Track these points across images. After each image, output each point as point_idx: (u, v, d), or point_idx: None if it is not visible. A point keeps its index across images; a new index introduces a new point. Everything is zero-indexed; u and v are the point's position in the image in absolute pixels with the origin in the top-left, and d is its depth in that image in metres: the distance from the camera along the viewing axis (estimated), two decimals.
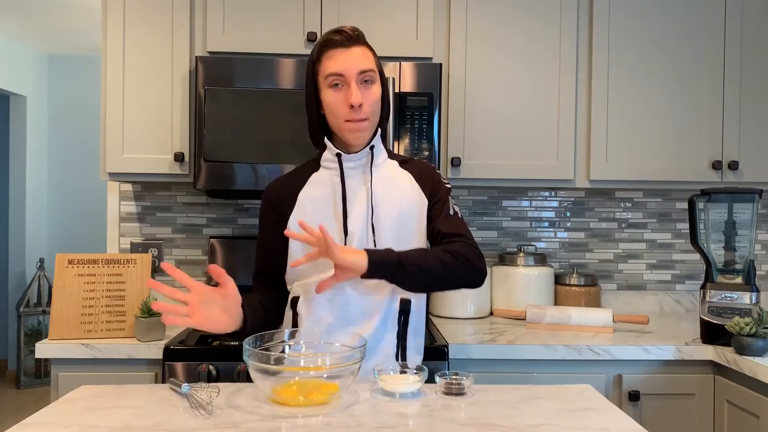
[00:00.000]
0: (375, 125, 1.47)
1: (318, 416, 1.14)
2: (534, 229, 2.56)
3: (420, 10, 2.16)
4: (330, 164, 1.50)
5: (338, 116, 1.42)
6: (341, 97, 1.41)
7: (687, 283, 2.58)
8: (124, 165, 2.12)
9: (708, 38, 2.24)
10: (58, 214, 5.35)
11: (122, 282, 1.90)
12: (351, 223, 1.45)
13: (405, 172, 1.52)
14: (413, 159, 1.58)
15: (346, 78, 1.40)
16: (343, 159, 1.47)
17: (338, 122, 1.43)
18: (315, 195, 1.49)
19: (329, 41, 1.42)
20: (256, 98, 2.04)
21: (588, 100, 2.23)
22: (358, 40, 1.43)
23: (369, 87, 1.42)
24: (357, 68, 1.40)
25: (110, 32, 2.12)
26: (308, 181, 1.51)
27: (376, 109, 1.45)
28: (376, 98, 1.44)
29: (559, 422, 1.13)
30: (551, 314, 2.08)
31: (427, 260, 1.38)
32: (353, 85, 1.39)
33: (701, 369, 1.89)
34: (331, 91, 1.42)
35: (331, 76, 1.41)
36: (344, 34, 1.41)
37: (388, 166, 1.52)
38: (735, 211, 1.93)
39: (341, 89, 1.41)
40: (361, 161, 1.48)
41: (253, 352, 1.19)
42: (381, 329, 1.44)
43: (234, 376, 1.74)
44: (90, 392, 1.28)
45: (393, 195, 1.48)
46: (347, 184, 1.47)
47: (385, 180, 1.49)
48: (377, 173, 1.49)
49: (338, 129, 1.45)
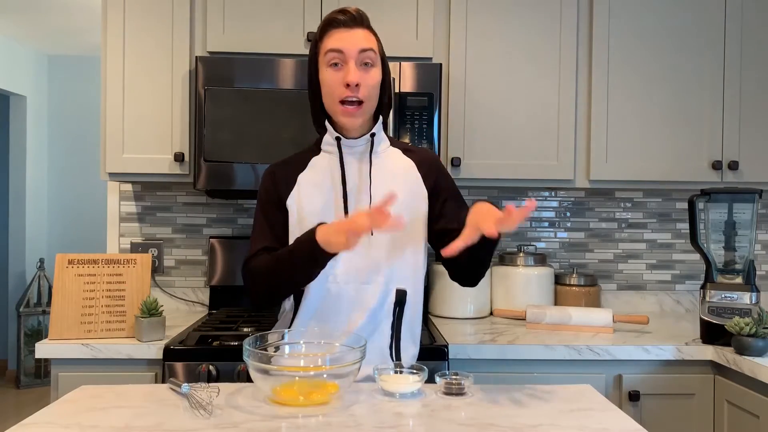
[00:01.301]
0: (371, 111, 1.45)
1: (318, 416, 1.14)
2: (534, 229, 2.56)
3: (420, 10, 2.16)
4: (330, 148, 1.49)
5: (333, 96, 1.40)
6: (339, 77, 1.39)
7: (687, 283, 2.58)
8: (124, 165, 2.12)
9: (708, 38, 2.24)
10: (58, 214, 5.35)
11: (122, 282, 1.90)
12: (351, 207, 1.45)
13: (408, 160, 1.51)
14: (418, 148, 1.57)
15: (345, 56, 1.38)
16: (343, 144, 1.46)
17: (333, 103, 1.41)
18: (315, 178, 1.48)
19: (333, 20, 1.40)
20: (256, 98, 2.04)
21: (588, 100, 2.23)
22: (362, 23, 1.41)
23: (368, 69, 1.41)
24: (357, 46, 1.38)
25: (110, 32, 2.12)
26: (309, 165, 1.50)
27: (374, 93, 1.43)
28: (375, 82, 1.42)
29: (559, 422, 1.13)
30: (551, 314, 2.08)
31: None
32: (351, 64, 1.38)
33: (701, 369, 1.89)
34: (330, 70, 1.40)
35: (331, 53, 1.39)
36: (348, 14, 1.40)
37: (390, 154, 1.51)
38: (735, 211, 1.93)
39: (340, 69, 1.39)
40: (361, 148, 1.48)
41: (253, 352, 1.19)
42: (375, 319, 1.43)
43: (234, 376, 1.74)
44: (90, 392, 1.28)
45: (393, 183, 1.47)
46: (348, 169, 1.47)
47: (385, 168, 1.48)
48: (377, 161, 1.48)
49: (333, 111, 1.43)
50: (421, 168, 1.51)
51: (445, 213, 1.49)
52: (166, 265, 2.46)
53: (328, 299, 1.45)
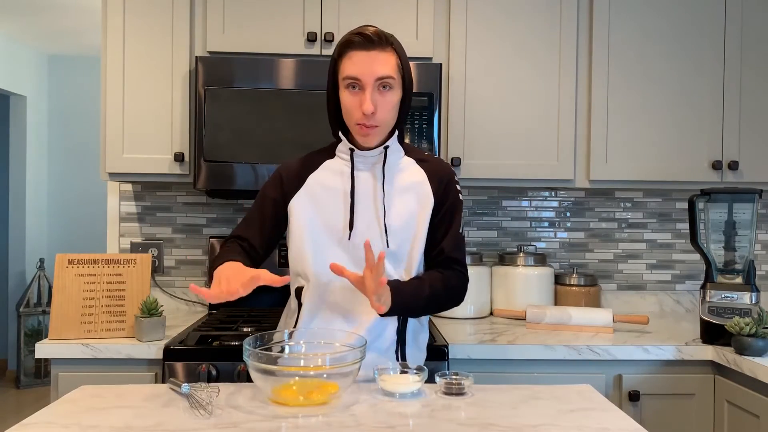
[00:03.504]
0: (388, 130, 1.46)
1: (318, 416, 1.14)
2: (534, 229, 2.56)
3: (420, 10, 2.16)
4: (343, 155, 1.50)
5: (351, 118, 1.42)
6: (356, 101, 1.40)
7: (687, 283, 2.58)
8: (124, 165, 2.12)
9: (708, 38, 2.24)
10: (58, 214, 5.35)
11: (122, 282, 1.90)
12: (358, 219, 1.45)
13: (420, 172, 1.51)
14: (434, 158, 1.56)
15: (362, 83, 1.38)
16: (356, 155, 1.47)
17: (351, 123, 1.43)
18: (325, 182, 1.49)
19: (350, 42, 1.39)
20: (256, 98, 2.04)
21: (588, 99, 2.23)
22: (381, 44, 1.39)
23: (386, 93, 1.40)
24: (374, 75, 1.37)
25: (110, 32, 2.12)
26: (321, 167, 1.51)
27: (391, 115, 1.43)
28: (392, 105, 1.42)
29: (559, 422, 1.13)
30: (551, 314, 2.08)
31: (428, 303, 1.44)
32: (368, 92, 1.37)
33: (701, 369, 1.89)
34: (347, 92, 1.41)
35: (348, 79, 1.39)
36: (365, 36, 1.38)
37: (403, 165, 1.51)
38: (735, 211, 1.93)
39: (357, 93, 1.40)
40: (374, 159, 1.48)
41: (253, 352, 1.19)
42: (380, 324, 1.44)
43: (234, 376, 1.74)
44: (90, 392, 1.28)
45: (404, 197, 1.47)
46: (358, 178, 1.47)
47: (398, 180, 1.48)
48: (391, 173, 1.48)
49: (351, 129, 1.45)
50: (432, 181, 1.50)
51: (432, 231, 1.50)
52: (166, 265, 2.46)
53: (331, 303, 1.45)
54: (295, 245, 1.48)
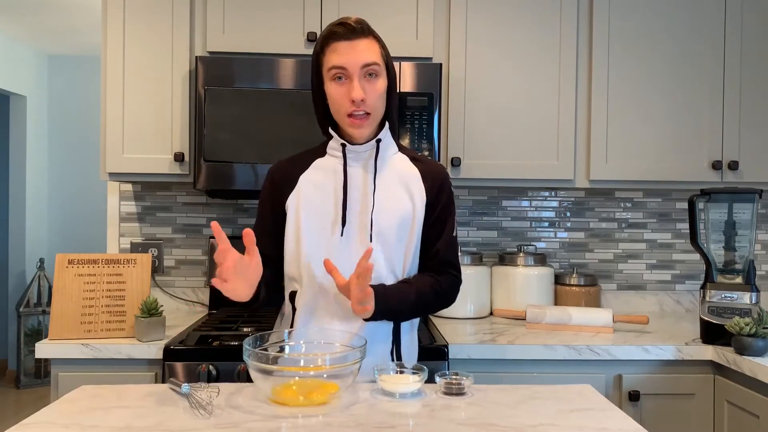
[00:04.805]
0: (378, 119, 1.45)
1: (318, 416, 1.14)
2: (534, 229, 2.56)
3: (420, 10, 2.16)
4: (335, 152, 1.49)
5: (340, 110, 1.41)
6: (343, 91, 1.39)
7: (687, 283, 2.58)
8: (124, 165, 2.12)
9: (708, 38, 2.24)
10: (58, 214, 5.35)
11: (122, 282, 1.90)
12: (350, 213, 1.45)
13: (413, 169, 1.50)
14: (428, 159, 1.55)
15: (348, 72, 1.38)
16: (348, 150, 1.46)
17: (341, 116, 1.42)
18: (316, 180, 1.48)
19: (332, 33, 1.39)
20: (256, 98, 2.04)
21: (588, 99, 2.23)
22: (363, 33, 1.39)
23: (373, 81, 1.40)
24: (360, 62, 1.38)
25: (110, 32, 2.12)
26: (311, 166, 1.50)
27: (380, 103, 1.43)
28: (380, 92, 1.42)
29: (559, 422, 1.13)
30: (551, 314, 2.09)
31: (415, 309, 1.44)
32: (355, 80, 1.37)
33: (701, 369, 1.89)
34: (334, 84, 1.40)
35: (334, 69, 1.39)
36: (347, 26, 1.38)
37: (397, 161, 1.50)
38: (735, 211, 1.93)
39: (344, 83, 1.39)
40: (366, 153, 1.47)
41: (253, 352, 1.19)
42: (375, 325, 1.43)
43: (234, 376, 1.74)
44: (90, 392, 1.28)
45: (397, 191, 1.47)
46: (350, 174, 1.46)
47: (391, 175, 1.48)
48: (383, 167, 1.48)
49: (341, 122, 1.44)
50: (425, 179, 1.49)
51: (426, 233, 1.50)
52: (166, 265, 2.46)
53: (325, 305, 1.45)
54: (289, 248, 1.47)
